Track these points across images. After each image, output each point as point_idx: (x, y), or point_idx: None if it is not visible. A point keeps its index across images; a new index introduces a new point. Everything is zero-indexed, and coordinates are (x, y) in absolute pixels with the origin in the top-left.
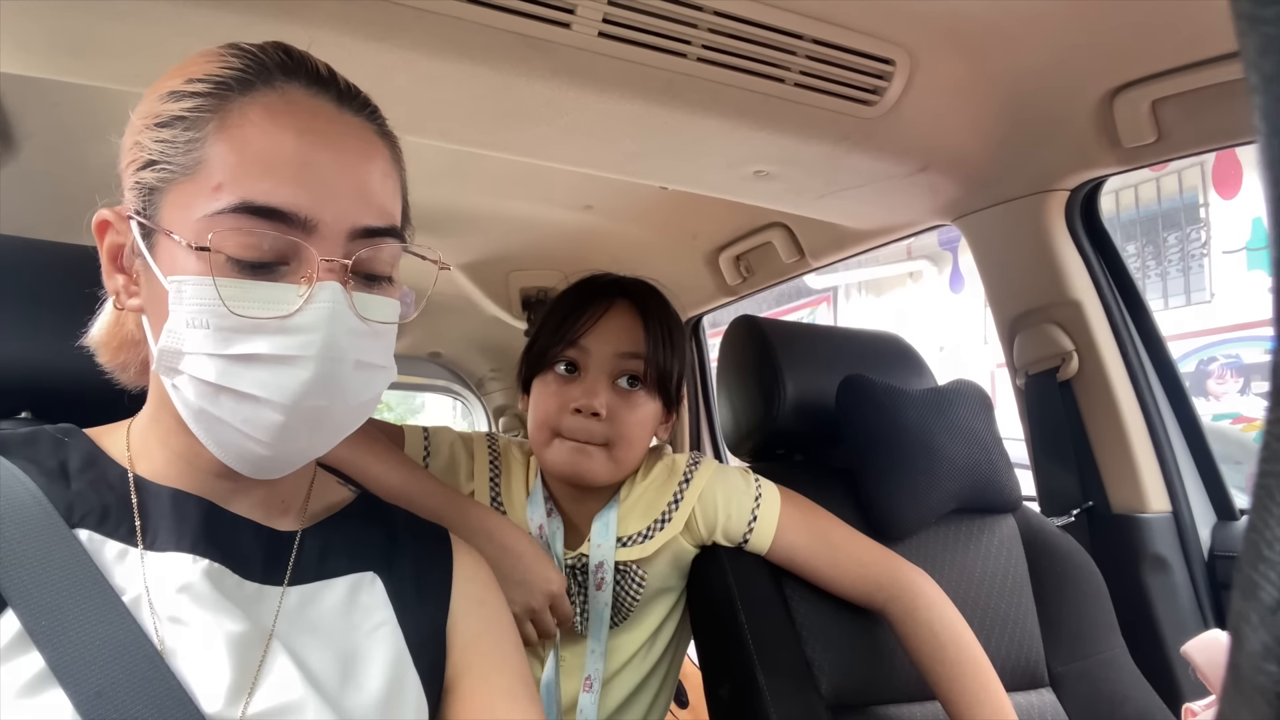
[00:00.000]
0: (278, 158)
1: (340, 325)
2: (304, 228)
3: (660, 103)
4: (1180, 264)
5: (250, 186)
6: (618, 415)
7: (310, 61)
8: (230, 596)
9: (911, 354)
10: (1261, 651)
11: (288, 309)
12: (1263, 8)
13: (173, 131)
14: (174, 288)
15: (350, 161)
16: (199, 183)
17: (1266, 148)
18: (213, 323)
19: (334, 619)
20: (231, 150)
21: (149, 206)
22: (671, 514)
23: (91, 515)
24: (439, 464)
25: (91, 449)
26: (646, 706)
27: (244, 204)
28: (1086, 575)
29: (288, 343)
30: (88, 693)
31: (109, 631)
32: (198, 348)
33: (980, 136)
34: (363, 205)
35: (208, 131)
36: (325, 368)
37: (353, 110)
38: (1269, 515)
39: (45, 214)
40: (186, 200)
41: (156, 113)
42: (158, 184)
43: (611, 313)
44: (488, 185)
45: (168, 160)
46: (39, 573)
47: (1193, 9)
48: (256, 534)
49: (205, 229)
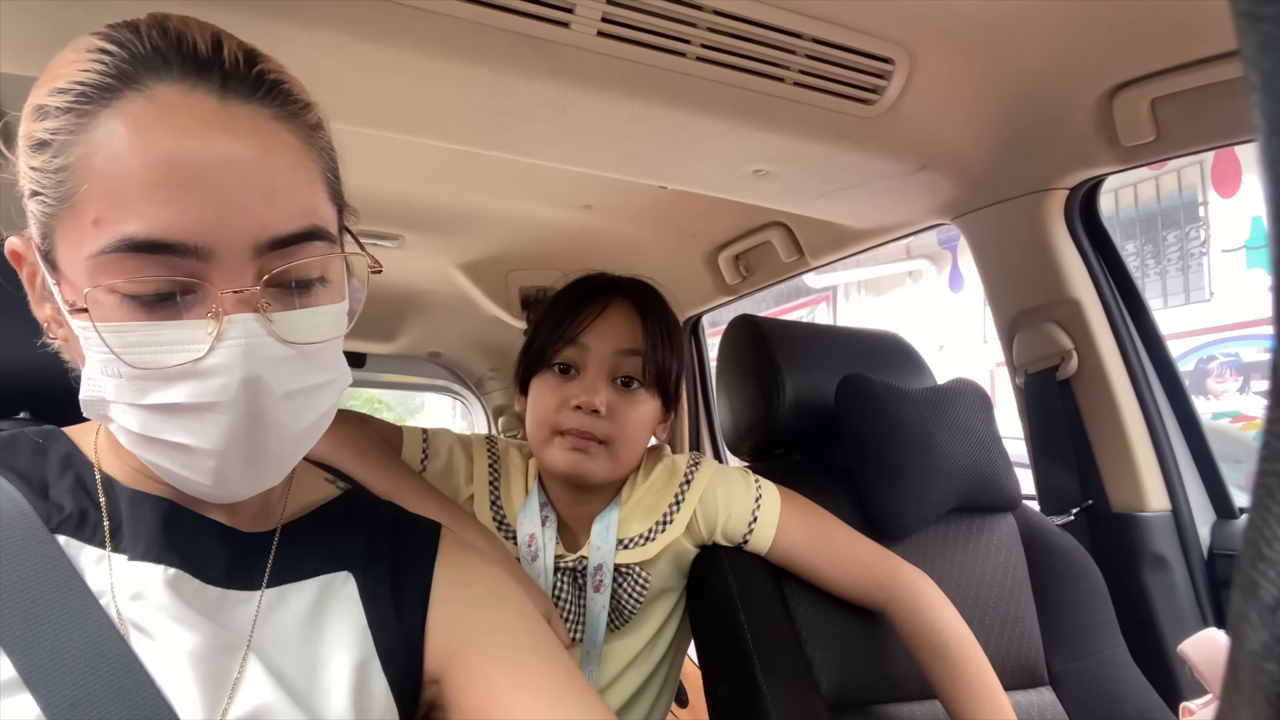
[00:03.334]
0: (152, 180)
1: (258, 359)
2: (198, 255)
3: (659, 102)
4: (1180, 263)
5: (127, 220)
6: (617, 413)
7: (187, 41)
8: (190, 603)
9: (911, 353)
10: (1261, 650)
11: (197, 352)
12: (1262, 5)
13: (43, 158)
14: (81, 333)
15: (243, 166)
16: (78, 215)
17: (1266, 146)
18: (123, 372)
19: (302, 623)
20: (101, 179)
21: (45, 239)
22: (673, 516)
23: (69, 520)
24: (437, 466)
25: (69, 451)
26: (648, 707)
27: (124, 241)
28: (1086, 574)
29: (203, 388)
30: (61, 702)
31: (86, 639)
32: (117, 397)
33: (979, 135)
34: (266, 213)
35: (75, 158)
36: (248, 408)
37: (240, 98)
38: (1268, 514)
39: None
40: (73, 236)
41: (29, 132)
42: (44, 217)
43: (610, 310)
44: (487, 185)
45: (45, 192)
46: (14, 579)
47: (1192, 7)
48: (222, 538)
49: (93, 271)
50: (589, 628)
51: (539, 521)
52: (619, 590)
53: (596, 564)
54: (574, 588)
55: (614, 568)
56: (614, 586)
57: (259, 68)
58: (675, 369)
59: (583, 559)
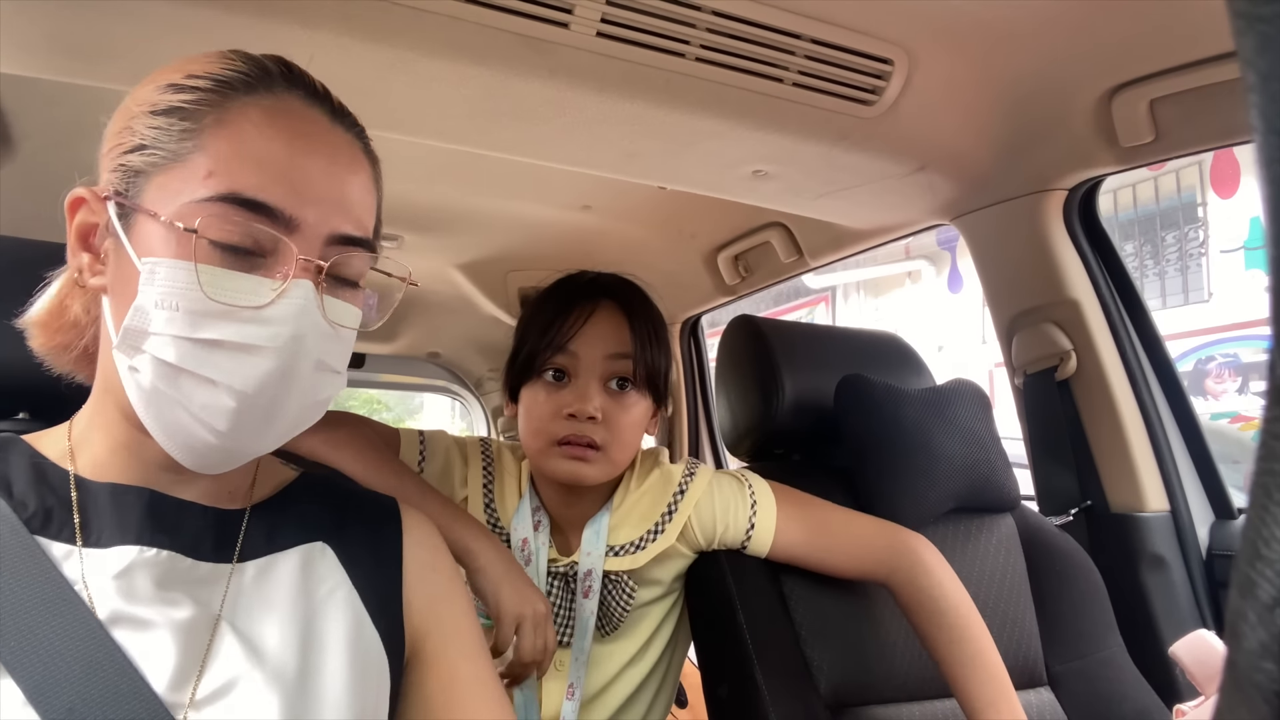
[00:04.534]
0: (270, 157)
1: (308, 322)
2: (286, 225)
3: (659, 102)
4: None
5: (241, 179)
6: (611, 417)
7: (308, 77)
8: (181, 581)
9: (910, 353)
10: (1259, 649)
11: (260, 300)
12: (1259, 6)
13: (169, 120)
14: (147, 268)
15: (337, 172)
16: (189, 169)
17: (1263, 146)
18: (182, 305)
19: (289, 590)
20: (228, 144)
21: (131, 189)
22: (665, 525)
23: (35, 519)
24: (434, 468)
25: (30, 453)
26: (646, 708)
27: (232, 194)
28: (1085, 574)
29: (256, 332)
30: (59, 709)
31: (76, 644)
32: (163, 329)
33: (978, 136)
34: (343, 214)
35: (205, 124)
36: (287, 361)
37: (344, 126)
38: (1266, 513)
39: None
40: (175, 185)
41: (153, 101)
42: (144, 168)
43: (597, 315)
44: (486, 185)
45: (159, 146)
46: (6, 584)
47: (1190, 9)
48: (204, 515)
49: (192, 213)
50: (578, 632)
51: (531, 526)
52: (607, 597)
53: (586, 569)
54: (565, 592)
55: (603, 575)
56: (602, 593)
57: (354, 116)
58: (665, 367)
59: (574, 564)
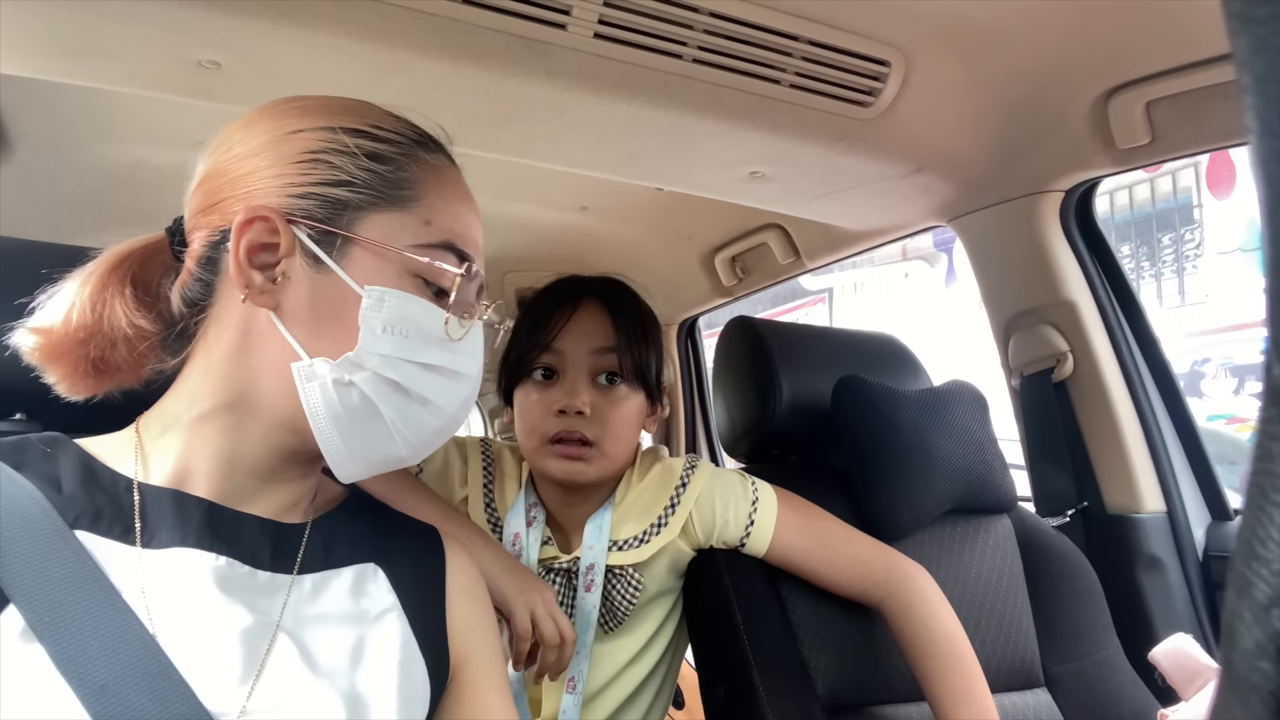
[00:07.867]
0: (465, 214)
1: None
2: (469, 272)
3: (656, 104)
4: (1175, 265)
5: (455, 232)
6: (602, 412)
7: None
8: (240, 588)
9: (907, 355)
10: (1255, 649)
11: (458, 334)
12: (1254, 8)
13: (378, 164)
14: (375, 295)
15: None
16: (409, 215)
17: (1259, 147)
18: (410, 331)
19: (343, 606)
20: (441, 198)
21: (336, 219)
22: (668, 518)
23: (85, 516)
24: (433, 468)
25: (80, 454)
26: (645, 709)
27: (449, 244)
28: (1081, 575)
29: (458, 360)
30: (92, 686)
31: (111, 626)
32: (393, 351)
33: (975, 138)
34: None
35: (415, 174)
36: (474, 388)
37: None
38: (1262, 514)
39: (40, 214)
40: (394, 225)
41: (352, 144)
42: (359, 203)
43: (580, 312)
44: (483, 186)
45: (372, 187)
46: (40, 569)
47: (1186, 11)
48: (262, 527)
49: (419, 254)
50: (580, 628)
51: (525, 522)
52: (611, 591)
53: (588, 563)
54: (567, 588)
55: (607, 569)
56: (606, 588)
57: None
58: (654, 361)
59: (576, 560)
